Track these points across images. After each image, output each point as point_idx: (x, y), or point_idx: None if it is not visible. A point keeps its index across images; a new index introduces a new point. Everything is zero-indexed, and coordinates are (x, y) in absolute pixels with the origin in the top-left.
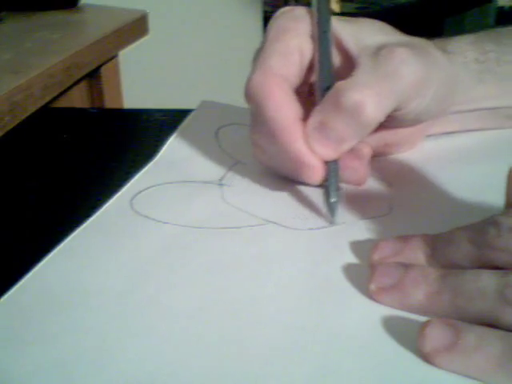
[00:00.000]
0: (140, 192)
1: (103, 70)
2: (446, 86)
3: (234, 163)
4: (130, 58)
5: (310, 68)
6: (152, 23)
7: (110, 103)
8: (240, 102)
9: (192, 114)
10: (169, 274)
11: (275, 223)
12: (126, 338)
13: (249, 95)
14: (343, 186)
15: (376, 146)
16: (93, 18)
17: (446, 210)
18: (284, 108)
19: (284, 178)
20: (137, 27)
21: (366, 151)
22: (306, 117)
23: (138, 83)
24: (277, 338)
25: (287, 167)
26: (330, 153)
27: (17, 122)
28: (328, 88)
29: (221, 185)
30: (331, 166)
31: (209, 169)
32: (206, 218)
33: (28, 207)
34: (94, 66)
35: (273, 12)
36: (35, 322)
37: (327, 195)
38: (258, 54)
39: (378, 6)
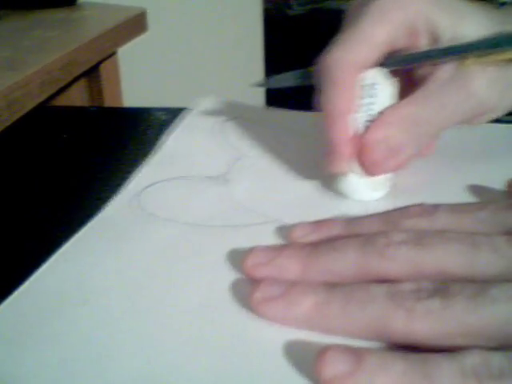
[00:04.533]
0: (145, 188)
1: (102, 67)
2: None
3: (238, 156)
4: (128, 55)
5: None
6: (151, 20)
7: (109, 101)
8: (239, 98)
9: (194, 109)
10: (174, 273)
11: (282, 221)
12: (131, 339)
13: (321, 70)
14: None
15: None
16: (91, 16)
17: None
18: (345, 97)
19: (290, 172)
20: (135, 24)
21: None
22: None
23: (137, 80)
24: (281, 336)
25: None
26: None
27: (15, 118)
28: None
29: (226, 180)
30: None
31: (213, 163)
32: (212, 216)
33: (27, 206)
34: (92, 63)
35: (273, 9)
36: (39, 325)
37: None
38: (347, 28)
39: None
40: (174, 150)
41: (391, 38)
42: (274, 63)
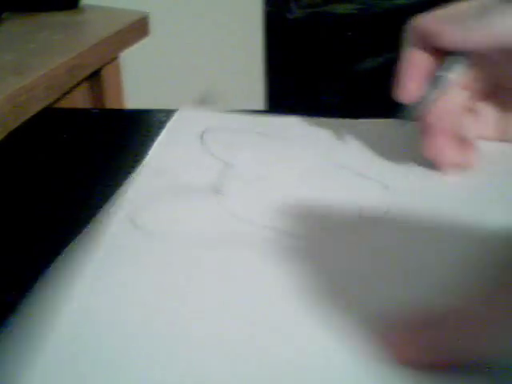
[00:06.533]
0: (135, 204)
1: (104, 71)
2: None
3: (225, 166)
4: (131, 59)
5: None
6: (153, 24)
7: (111, 104)
8: (240, 101)
9: (171, 122)
10: (176, 292)
11: (277, 228)
12: (143, 365)
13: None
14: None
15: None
16: (94, 19)
17: (443, 211)
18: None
19: (278, 180)
20: (138, 28)
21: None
22: None
23: (139, 84)
24: (283, 346)
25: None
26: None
27: (19, 122)
28: None
29: (216, 191)
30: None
31: (201, 174)
32: (207, 230)
33: (30, 208)
34: (95, 67)
35: (273, 12)
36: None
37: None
38: None
39: (378, 8)
40: (159, 163)
41: None
42: (274, 66)
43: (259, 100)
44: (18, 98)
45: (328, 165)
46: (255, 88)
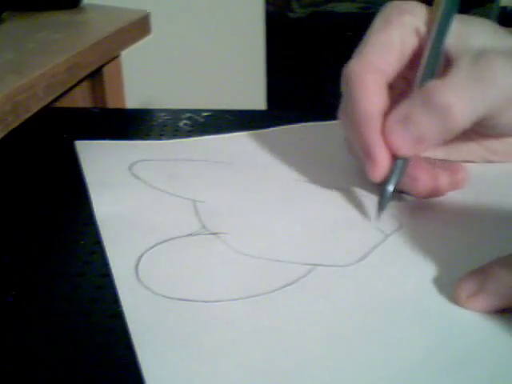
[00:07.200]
0: (137, 262)
1: (105, 69)
2: None
3: (193, 205)
4: (132, 58)
5: (410, 62)
6: (154, 23)
7: (112, 103)
8: (241, 100)
9: (83, 161)
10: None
11: (294, 261)
12: None
13: (343, 81)
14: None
15: (484, 154)
16: (95, 18)
17: (457, 220)
18: (372, 99)
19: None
20: (139, 27)
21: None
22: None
23: (140, 83)
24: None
25: (360, 157)
26: (405, 147)
27: (20, 121)
28: None
29: (215, 235)
30: (398, 164)
31: (176, 218)
32: (235, 283)
33: (30, 208)
34: (96, 66)
35: (274, 12)
36: None
37: (382, 190)
38: (361, 44)
39: (380, 7)
40: (114, 216)
41: (400, 38)
42: (275, 65)
43: (260, 99)
44: (17, 97)
45: (291, 184)
46: (256, 87)
